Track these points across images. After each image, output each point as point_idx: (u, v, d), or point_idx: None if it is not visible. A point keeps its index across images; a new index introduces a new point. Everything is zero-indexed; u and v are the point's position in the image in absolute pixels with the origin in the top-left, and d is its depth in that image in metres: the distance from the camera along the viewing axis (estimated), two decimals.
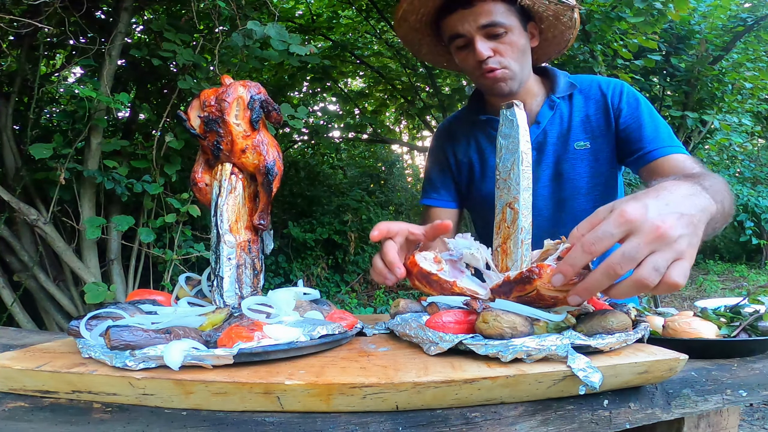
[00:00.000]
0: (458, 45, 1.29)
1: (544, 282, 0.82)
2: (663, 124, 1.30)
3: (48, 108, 3.65)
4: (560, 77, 1.38)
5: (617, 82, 1.37)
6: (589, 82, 1.38)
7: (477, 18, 1.23)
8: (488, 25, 1.23)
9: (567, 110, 1.36)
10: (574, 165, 1.34)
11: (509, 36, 1.25)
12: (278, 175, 0.99)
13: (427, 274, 0.99)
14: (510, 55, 1.27)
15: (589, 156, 1.33)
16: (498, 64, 1.26)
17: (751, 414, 3.28)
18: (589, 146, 1.33)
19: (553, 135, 1.35)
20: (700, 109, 4.34)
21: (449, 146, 1.51)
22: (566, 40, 1.40)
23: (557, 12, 1.30)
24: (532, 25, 1.33)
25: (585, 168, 1.34)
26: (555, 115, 1.35)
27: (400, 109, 7.07)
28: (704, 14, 4.17)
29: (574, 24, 1.35)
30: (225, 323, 0.87)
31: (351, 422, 0.72)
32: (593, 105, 1.34)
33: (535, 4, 1.27)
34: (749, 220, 8.48)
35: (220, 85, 0.97)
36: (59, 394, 0.75)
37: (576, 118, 1.35)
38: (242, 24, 2.66)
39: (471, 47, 1.26)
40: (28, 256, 2.94)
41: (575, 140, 1.34)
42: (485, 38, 1.25)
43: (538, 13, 1.30)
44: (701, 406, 0.88)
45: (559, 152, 1.35)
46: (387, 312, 1.15)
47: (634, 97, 1.34)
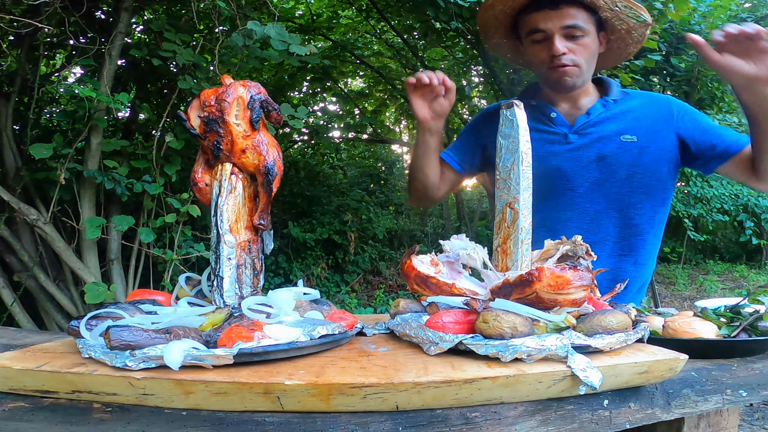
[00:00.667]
0: (536, 39, 1.42)
1: (543, 285, 0.83)
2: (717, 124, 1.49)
3: (48, 108, 3.65)
4: (613, 85, 1.56)
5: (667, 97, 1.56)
6: (644, 93, 1.58)
7: (561, 19, 1.38)
8: (570, 26, 1.38)
9: (618, 110, 1.52)
10: (618, 153, 1.47)
11: (584, 39, 1.40)
12: (278, 175, 0.99)
13: (425, 278, 0.99)
14: (582, 55, 1.41)
15: (634, 149, 1.47)
16: (570, 61, 1.40)
17: (751, 414, 3.28)
18: (636, 140, 1.47)
19: (601, 126, 1.50)
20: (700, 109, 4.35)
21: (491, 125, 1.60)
22: (629, 53, 1.56)
23: (631, 27, 1.45)
24: (603, 35, 1.48)
25: (628, 158, 1.47)
26: (605, 111, 1.51)
27: (400, 109, 7.07)
28: (704, 14, 4.17)
29: (642, 41, 1.50)
30: (225, 323, 0.87)
31: (351, 422, 0.72)
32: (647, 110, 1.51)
33: (613, 17, 1.41)
34: (749, 220, 8.47)
35: (220, 85, 0.97)
36: (59, 394, 0.75)
37: (627, 116, 1.50)
38: (242, 24, 2.66)
39: (548, 42, 1.40)
40: (28, 256, 2.93)
41: (622, 133, 1.48)
42: (563, 38, 1.39)
43: (612, 25, 1.45)
44: (701, 406, 0.88)
45: (605, 140, 1.49)
46: (387, 312, 1.15)
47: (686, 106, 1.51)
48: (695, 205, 8.23)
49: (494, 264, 1.03)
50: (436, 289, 0.98)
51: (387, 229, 7.24)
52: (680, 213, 7.86)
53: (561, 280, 0.83)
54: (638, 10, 1.40)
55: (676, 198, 8.17)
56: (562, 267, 0.84)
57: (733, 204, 8.51)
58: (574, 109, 1.53)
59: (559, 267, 0.84)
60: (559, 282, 0.83)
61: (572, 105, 1.53)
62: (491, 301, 0.88)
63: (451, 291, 0.97)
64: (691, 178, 7.73)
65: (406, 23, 4.97)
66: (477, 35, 4.06)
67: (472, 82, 6.22)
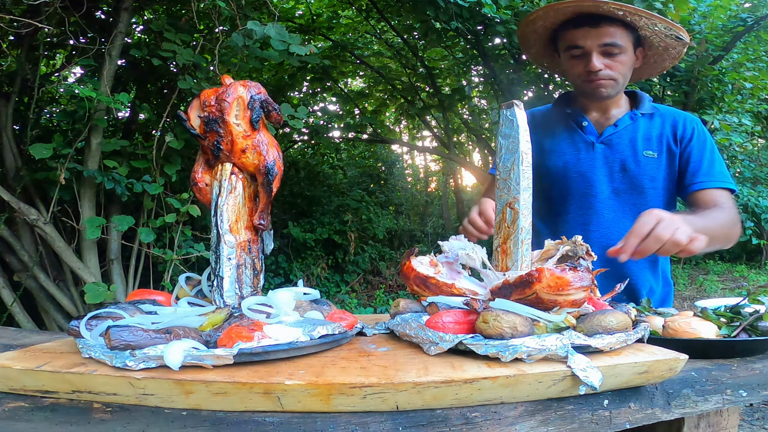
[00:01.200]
0: (574, 54, 1.48)
1: (543, 286, 0.83)
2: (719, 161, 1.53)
3: (48, 108, 3.66)
4: (646, 100, 1.61)
5: (694, 118, 1.60)
6: (672, 111, 1.62)
7: (600, 37, 1.42)
8: (608, 44, 1.42)
9: (645, 124, 1.57)
10: (640, 167, 1.54)
11: (621, 56, 1.45)
12: (278, 175, 0.99)
13: (424, 278, 0.99)
14: (618, 69, 1.46)
15: (654, 164, 1.54)
16: (606, 76, 1.46)
17: (751, 414, 3.28)
18: (656, 156, 1.54)
19: (626, 138, 1.56)
20: (700, 109, 4.34)
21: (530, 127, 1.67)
22: (663, 67, 1.61)
23: (669, 45, 1.50)
24: (640, 50, 1.52)
25: (648, 172, 1.54)
26: (633, 125, 1.57)
27: (400, 109, 7.07)
28: (704, 14, 4.16)
29: (679, 57, 1.55)
30: (225, 323, 0.87)
31: (351, 422, 0.72)
32: (669, 128, 1.57)
33: (653, 35, 1.46)
34: (749, 220, 8.47)
35: (220, 85, 0.97)
36: (59, 394, 0.75)
37: (651, 133, 1.56)
38: (242, 24, 2.66)
39: (585, 58, 1.45)
40: (28, 256, 2.93)
41: (645, 149, 1.55)
42: (601, 54, 1.44)
43: (650, 42, 1.50)
44: (701, 406, 0.88)
45: (628, 153, 1.54)
46: (387, 312, 1.15)
47: (704, 134, 1.56)
48: None
49: (494, 264, 1.03)
50: (436, 289, 0.98)
51: (387, 229, 7.24)
52: None
53: (561, 281, 0.83)
54: (678, 31, 1.44)
55: None
56: (562, 268, 0.84)
57: None
58: (604, 119, 1.58)
59: (560, 268, 0.84)
60: (558, 283, 0.83)
61: (602, 114, 1.58)
62: (491, 301, 0.88)
63: (451, 291, 0.97)
64: None
65: (406, 23, 4.97)
66: (477, 35, 4.06)
67: (472, 82, 6.22)
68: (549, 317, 0.83)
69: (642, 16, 1.39)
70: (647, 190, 1.54)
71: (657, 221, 1.12)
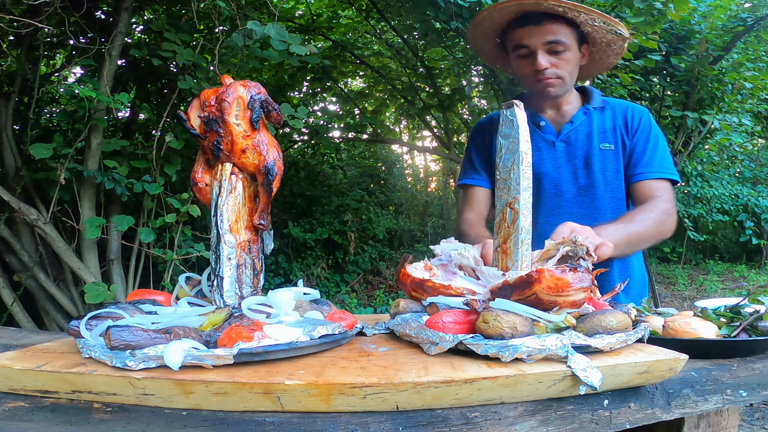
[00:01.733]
0: (521, 54, 1.50)
1: (543, 287, 0.83)
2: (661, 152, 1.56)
3: (48, 108, 3.65)
4: (596, 94, 1.64)
5: (643, 109, 1.64)
6: (621, 104, 1.65)
7: (544, 35, 1.45)
8: (552, 42, 1.45)
9: (598, 118, 1.61)
10: (602, 160, 1.57)
11: (566, 53, 1.48)
12: (278, 175, 0.99)
13: (420, 282, 1.00)
14: (564, 68, 1.50)
15: (613, 157, 1.57)
16: (553, 75, 1.49)
17: (751, 414, 3.28)
18: (613, 148, 1.58)
19: (583, 133, 1.59)
20: (700, 109, 4.34)
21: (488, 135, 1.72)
22: (609, 64, 1.65)
23: (610, 41, 1.53)
24: (585, 47, 1.55)
25: (609, 164, 1.57)
26: (587, 120, 1.60)
27: (400, 109, 7.06)
28: (704, 14, 4.16)
29: (621, 52, 1.58)
30: (225, 323, 0.87)
31: (351, 422, 0.72)
32: (620, 119, 1.61)
33: (594, 31, 1.49)
34: (749, 220, 8.48)
35: (220, 85, 0.97)
36: (59, 394, 0.75)
37: (605, 125, 1.60)
38: (242, 24, 2.66)
39: (532, 57, 1.48)
40: (28, 256, 2.93)
41: (602, 141, 1.58)
42: (546, 53, 1.47)
43: (593, 38, 1.53)
44: (701, 406, 0.88)
45: (587, 148, 1.57)
46: (387, 312, 1.15)
47: (650, 124, 1.59)
48: (695, 205, 8.24)
49: (494, 264, 1.03)
50: (433, 291, 0.98)
51: (387, 229, 7.24)
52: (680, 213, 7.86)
53: (561, 283, 0.83)
54: (615, 26, 1.48)
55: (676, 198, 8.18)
56: (562, 269, 0.84)
57: (733, 204, 8.52)
58: (559, 117, 1.61)
59: (559, 269, 0.84)
60: (558, 284, 0.83)
61: (557, 113, 1.61)
62: (491, 301, 0.88)
63: (448, 292, 0.97)
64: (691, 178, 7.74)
65: (406, 23, 4.97)
66: None
67: (472, 82, 6.21)
68: (549, 317, 0.83)
69: (581, 12, 1.42)
70: (611, 182, 1.56)
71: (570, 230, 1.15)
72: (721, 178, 8.62)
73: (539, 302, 0.84)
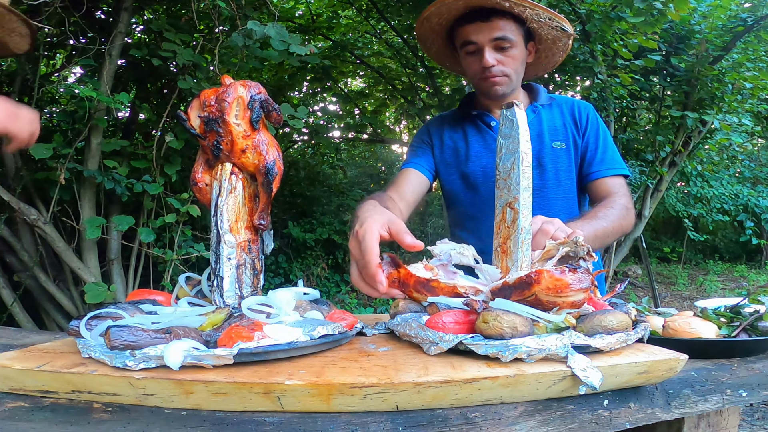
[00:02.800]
0: (468, 50, 1.49)
1: (542, 288, 0.83)
2: (611, 147, 1.58)
3: (48, 108, 3.65)
4: (542, 91, 1.65)
5: (588, 105, 1.65)
6: (567, 100, 1.66)
7: (491, 31, 1.44)
8: (499, 38, 1.45)
9: (547, 116, 1.61)
10: (554, 159, 1.56)
11: (513, 50, 1.47)
12: (278, 175, 0.99)
13: (425, 282, 0.99)
14: (511, 65, 1.49)
15: (565, 155, 1.57)
16: (500, 72, 1.48)
17: (751, 414, 3.28)
18: (565, 146, 1.58)
19: (533, 133, 1.55)
20: (700, 109, 4.34)
21: (437, 131, 1.72)
22: (555, 61, 1.64)
23: (556, 37, 1.53)
24: (532, 44, 1.55)
25: (562, 163, 1.57)
26: (536, 118, 1.60)
27: (400, 109, 7.07)
28: (704, 14, 4.16)
29: (566, 50, 1.59)
30: (225, 323, 0.87)
31: (351, 422, 0.72)
32: (569, 116, 1.61)
33: (540, 28, 1.49)
34: (749, 220, 8.48)
35: (220, 85, 0.97)
36: (59, 394, 0.75)
37: (555, 123, 1.60)
38: (242, 24, 2.66)
39: (479, 54, 1.47)
40: (28, 256, 2.93)
41: (553, 140, 1.58)
42: (493, 49, 1.46)
43: (539, 35, 1.53)
44: (701, 406, 0.88)
45: (539, 147, 1.56)
46: (387, 312, 1.15)
47: (596, 119, 1.61)
48: (695, 205, 8.24)
49: (494, 264, 1.03)
50: (438, 291, 0.98)
51: None
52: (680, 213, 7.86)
53: (560, 284, 0.83)
54: (561, 22, 1.48)
55: (676, 198, 8.18)
56: (561, 270, 0.84)
57: (733, 204, 8.52)
58: None
59: (559, 270, 0.84)
60: (558, 285, 0.83)
61: None
62: (491, 301, 0.88)
63: (454, 291, 0.97)
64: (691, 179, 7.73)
65: (406, 23, 4.97)
66: None
67: None
68: (549, 317, 0.83)
69: (527, 7, 1.42)
70: (564, 182, 1.57)
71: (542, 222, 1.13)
72: (721, 178, 8.62)
73: (539, 303, 0.84)
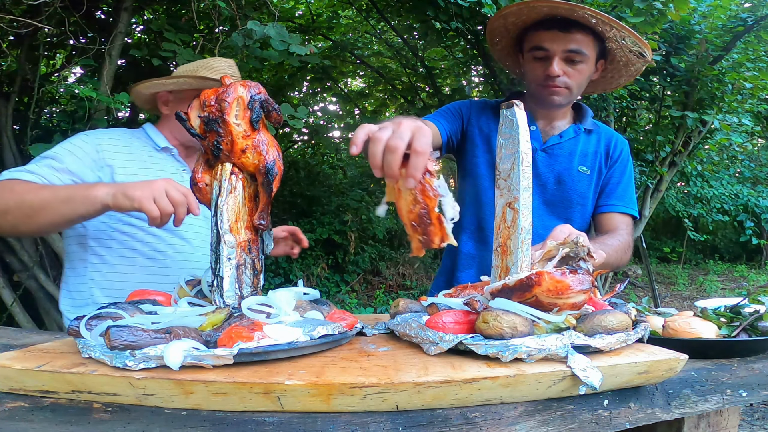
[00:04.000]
0: (537, 56, 1.47)
1: (542, 289, 0.83)
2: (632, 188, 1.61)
3: (48, 108, 3.65)
4: (588, 114, 1.63)
5: (625, 141, 1.65)
6: (607, 131, 1.66)
7: (567, 43, 1.42)
8: (573, 51, 1.42)
9: (584, 140, 1.60)
10: (575, 181, 1.57)
11: (582, 65, 1.45)
12: (278, 175, 0.99)
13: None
14: (576, 78, 1.47)
15: (586, 181, 1.58)
16: (563, 83, 1.46)
17: (751, 414, 3.28)
18: (589, 173, 1.58)
19: (567, 150, 1.58)
20: (700, 109, 4.34)
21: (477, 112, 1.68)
22: (618, 84, 1.63)
23: (629, 61, 1.50)
24: (602, 62, 1.52)
25: (581, 187, 1.57)
26: (575, 139, 1.59)
27: (400, 109, 7.06)
28: (704, 14, 4.16)
29: (635, 74, 1.57)
30: (225, 323, 0.87)
31: (351, 422, 0.72)
32: (603, 147, 1.61)
33: (617, 48, 1.46)
34: (749, 220, 8.48)
35: (220, 85, 0.97)
36: (59, 394, 0.75)
37: (587, 149, 1.59)
38: (242, 24, 2.66)
39: (547, 61, 1.44)
40: (28, 256, 2.93)
41: (580, 164, 1.57)
42: (563, 60, 1.44)
43: (614, 55, 1.50)
44: (701, 406, 0.88)
45: (565, 166, 1.57)
46: (387, 312, 1.15)
47: (627, 158, 1.62)
48: (695, 205, 8.24)
49: (494, 264, 1.03)
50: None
51: (387, 229, 7.23)
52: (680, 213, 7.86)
53: (561, 285, 0.83)
54: (643, 48, 1.45)
55: (676, 198, 8.18)
56: (562, 271, 0.84)
57: (733, 204, 8.52)
58: (549, 128, 1.59)
59: (559, 271, 0.84)
60: (558, 287, 0.83)
61: (548, 123, 1.59)
62: (491, 301, 0.88)
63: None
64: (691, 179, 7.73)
65: (406, 23, 4.97)
66: (477, 35, 4.06)
67: (472, 82, 6.22)
68: (549, 318, 0.83)
69: (613, 27, 1.40)
70: (575, 206, 1.57)
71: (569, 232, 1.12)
72: (721, 178, 8.63)
73: (539, 304, 0.84)
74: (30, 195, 1.20)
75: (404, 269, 6.77)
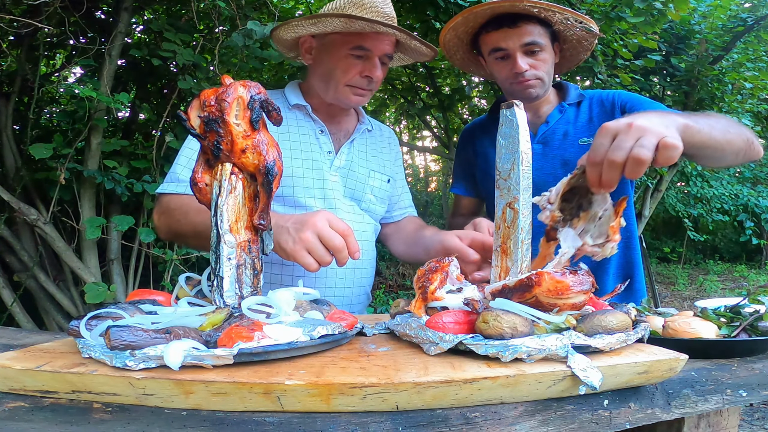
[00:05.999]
0: (498, 57, 1.50)
1: (542, 290, 0.83)
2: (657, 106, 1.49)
3: (48, 108, 3.65)
4: (571, 89, 1.64)
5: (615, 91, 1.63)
6: (598, 93, 1.64)
7: (520, 37, 1.45)
8: (529, 43, 1.45)
9: (574, 114, 1.60)
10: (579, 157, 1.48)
11: (543, 53, 1.48)
12: (278, 175, 0.99)
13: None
14: (542, 68, 1.50)
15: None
16: (533, 76, 1.49)
17: (751, 414, 3.28)
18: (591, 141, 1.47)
19: (560, 132, 1.58)
20: (700, 109, 4.35)
21: (471, 143, 1.76)
22: (579, 59, 1.65)
23: (581, 37, 1.54)
24: (557, 45, 1.56)
25: None
26: (563, 118, 1.59)
27: (400, 109, 7.06)
28: (704, 14, 4.16)
29: (591, 48, 1.60)
30: (225, 323, 0.87)
31: (351, 422, 0.72)
32: (597, 108, 1.58)
33: (566, 29, 1.51)
34: (749, 220, 8.49)
35: (220, 85, 0.97)
36: (59, 394, 0.75)
37: (581, 120, 1.58)
38: (242, 24, 2.67)
39: (510, 60, 1.48)
40: (28, 256, 2.93)
41: (579, 137, 1.56)
42: (524, 54, 1.47)
43: (564, 36, 1.54)
44: (701, 406, 0.88)
45: (565, 146, 1.56)
46: (387, 312, 1.15)
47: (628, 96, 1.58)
48: (695, 205, 8.25)
49: (494, 264, 1.03)
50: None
51: None
52: (680, 213, 7.87)
53: (561, 286, 0.83)
54: (588, 23, 1.49)
55: (676, 198, 8.18)
56: (562, 272, 0.85)
57: (733, 204, 8.53)
58: (536, 118, 1.60)
59: (560, 272, 0.84)
60: (558, 287, 0.83)
61: (534, 114, 1.60)
62: (491, 301, 0.88)
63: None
64: (691, 179, 7.74)
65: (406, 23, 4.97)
66: None
67: (472, 82, 6.22)
68: (550, 318, 0.83)
69: (556, 11, 1.43)
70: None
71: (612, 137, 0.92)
72: (721, 178, 8.63)
73: (539, 305, 0.84)
74: (199, 218, 1.22)
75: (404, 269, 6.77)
